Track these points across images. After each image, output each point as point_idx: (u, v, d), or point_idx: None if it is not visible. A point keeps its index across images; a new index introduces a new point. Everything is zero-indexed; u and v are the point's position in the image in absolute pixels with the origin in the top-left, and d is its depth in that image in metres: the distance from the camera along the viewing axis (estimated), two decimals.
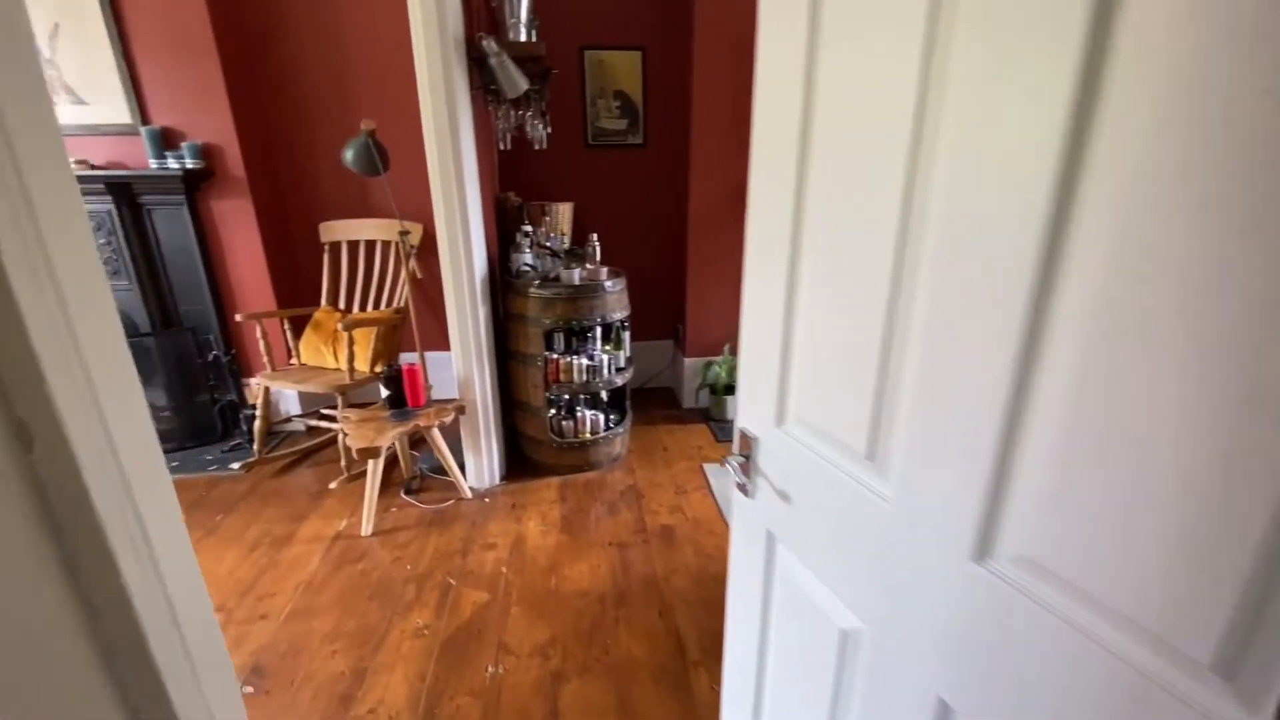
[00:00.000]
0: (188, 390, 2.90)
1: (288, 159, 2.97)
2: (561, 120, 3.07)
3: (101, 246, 2.63)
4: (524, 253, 2.52)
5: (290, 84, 2.88)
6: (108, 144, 2.60)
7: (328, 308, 2.91)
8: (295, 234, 3.07)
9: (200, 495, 2.54)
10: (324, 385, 2.51)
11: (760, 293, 0.89)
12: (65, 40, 2.43)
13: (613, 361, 2.63)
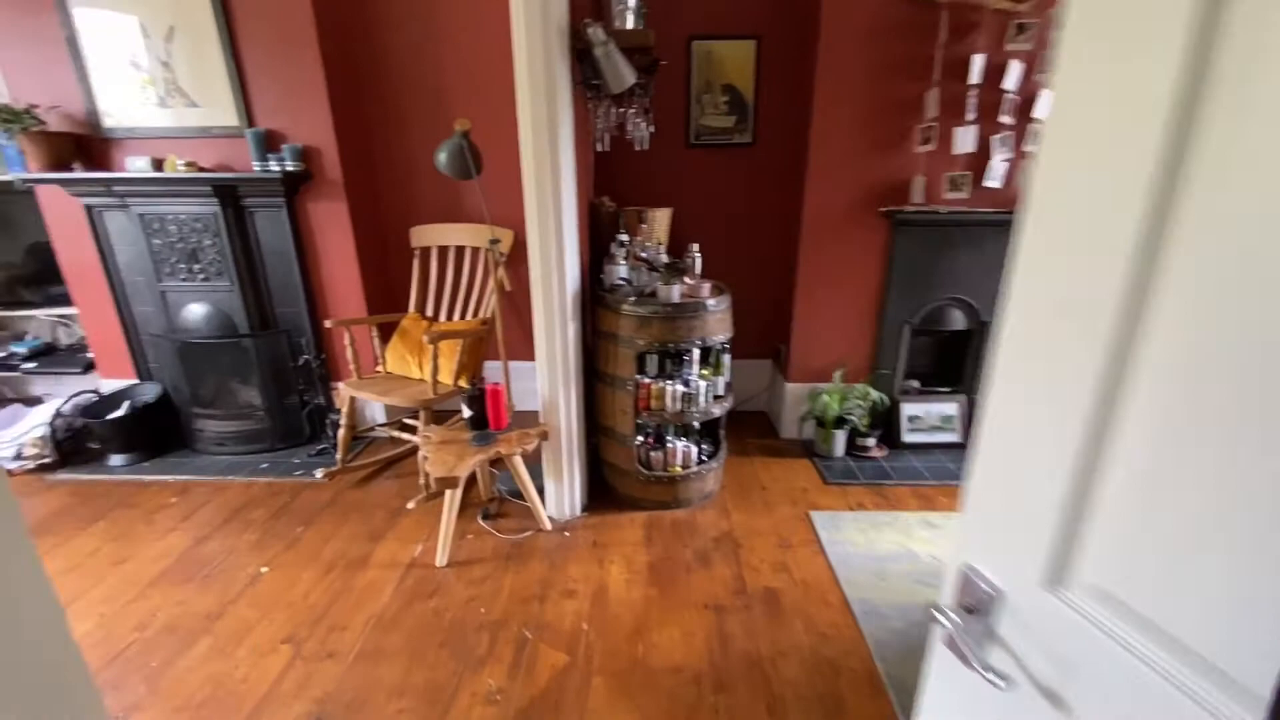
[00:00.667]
0: (280, 392, 2.91)
1: (384, 161, 2.91)
2: (661, 118, 2.80)
3: (207, 248, 2.66)
4: (618, 265, 2.28)
5: (388, 84, 2.80)
6: (216, 146, 2.62)
7: (415, 315, 2.82)
8: (388, 238, 3.01)
9: (285, 503, 2.50)
10: (407, 399, 2.39)
11: (1028, 389, 0.57)
12: (180, 43, 2.46)
13: (710, 389, 2.34)
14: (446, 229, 2.82)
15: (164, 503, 2.52)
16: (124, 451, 2.84)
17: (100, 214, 2.70)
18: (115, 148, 2.64)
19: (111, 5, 2.42)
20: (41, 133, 2.47)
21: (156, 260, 2.70)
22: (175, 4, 2.40)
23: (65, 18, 2.43)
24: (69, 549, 2.21)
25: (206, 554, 2.18)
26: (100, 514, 2.44)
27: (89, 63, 2.50)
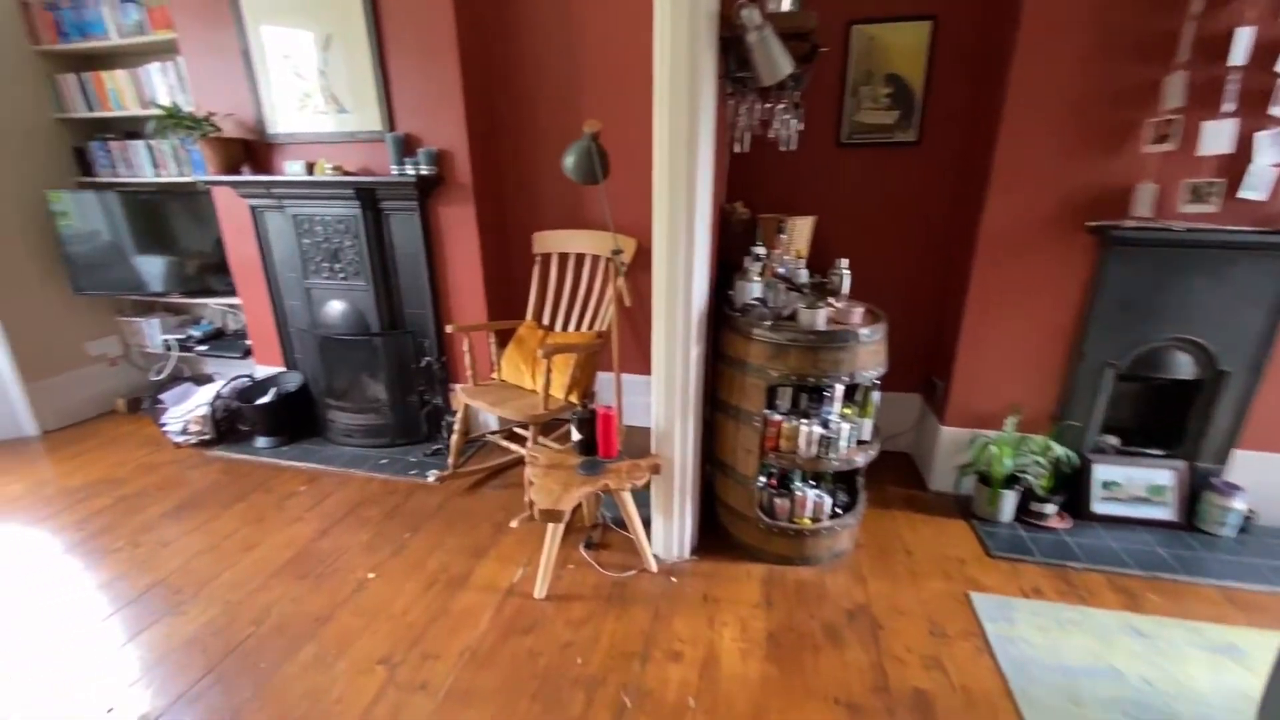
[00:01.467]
0: (403, 390, 2.97)
1: (511, 165, 2.86)
2: (807, 114, 2.47)
3: (347, 248, 2.76)
4: (752, 281, 2.00)
5: (519, 87, 2.74)
6: (360, 150, 2.70)
7: (532, 323, 2.73)
8: (511, 244, 2.97)
9: (397, 504, 2.52)
10: (518, 412, 2.29)
11: None
12: (335, 52, 2.55)
13: (854, 432, 1.98)
14: (569, 235, 2.71)
15: (294, 490, 2.65)
16: (268, 435, 3.05)
17: (262, 214, 2.91)
18: (277, 152, 2.82)
19: (281, 19, 2.56)
20: (218, 138, 2.68)
21: (305, 258, 2.86)
22: (334, 15, 2.49)
23: (241, 32, 2.62)
24: (212, 528, 2.36)
25: (323, 550, 2.22)
26: (242, 495, 2.61)
27: (259, 73, 2.68)
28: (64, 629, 1.85)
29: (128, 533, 2.35)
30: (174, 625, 1.87)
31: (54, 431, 3.27)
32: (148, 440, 3.15)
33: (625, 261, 2.27)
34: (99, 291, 3.27)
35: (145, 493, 2.65)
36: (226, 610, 1.92)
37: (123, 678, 1.67)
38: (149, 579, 2.07)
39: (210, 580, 2.06)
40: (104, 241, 3.17)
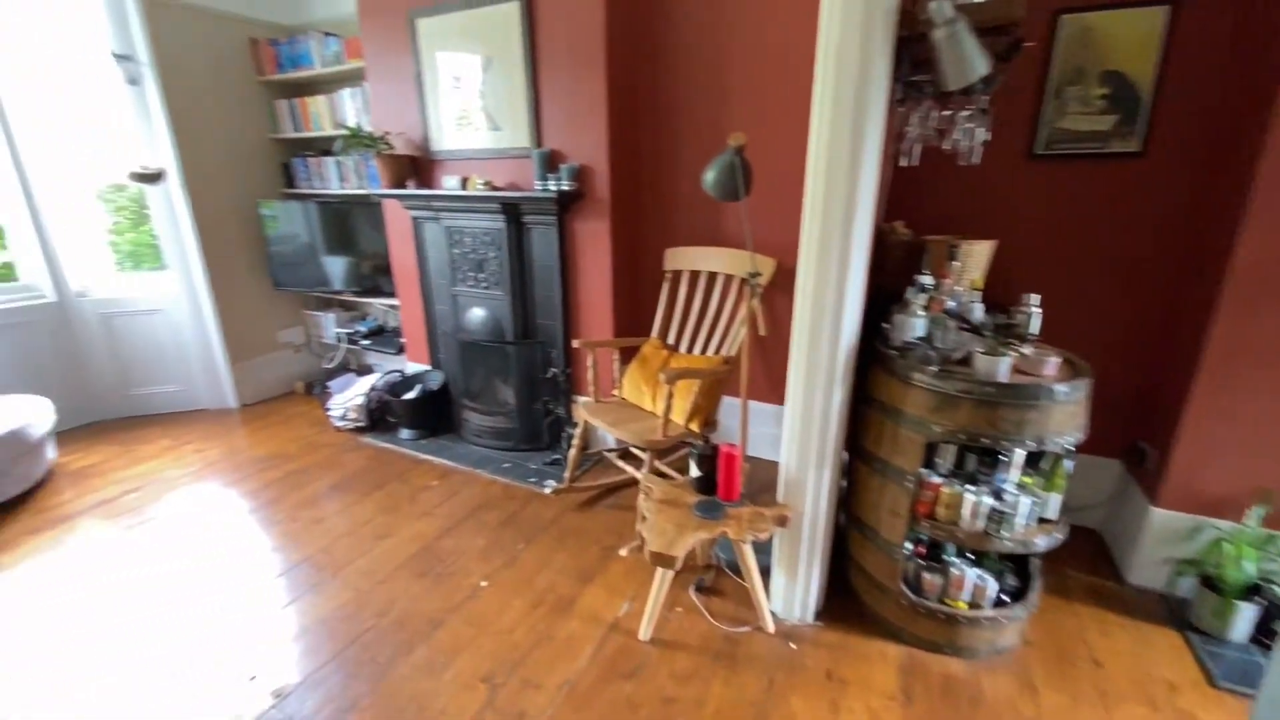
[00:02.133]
0: (529, 397, 3.04)
1: (649, 181, 2.80)
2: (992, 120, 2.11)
3: (491, 259, 2.88)
4: (915, 316, 1.72)
5: (662, 103, 2.67)
6: (509, 166, 2.81)
7: (656, 341, 2.64)
8: (642, 260, 2.91)
9: (515, 511, 2.55)
10: (636, 436, 2.21)
11: None
12: (494, 72, 2.67)
13: (1035, 508, 1.62)
14: (703, 253, 2.58)
15: (426, 484, 2.80)
16: (411, 428, 3.29)
17: (421, 224, 3.15)
18: (438, 168, 3.02)
19: (451, 45, 2.74)
20: (390, 155, 2.94)
21: (454, 266, 3.04)
22: (497, 38, 2.61)
23: (417, 58, 2.84)
24: (354, 513, 2.57)
25: (444, 549, 2.30)
26: (382, 483, 2.82)
27: (428, 95, 2.90)
28: (227, 589, 2.09)
29: (289, 507, 2.62)
30: (313, 603, 2.02)
31: (249, 406, 3.81)
32: (315, 421, 3.55)
33: (762, 285, 2.08)
34: (293, 288, 3.76)
35: (308, 470, 2.96)
36: (356, 597, 2.04)
37: (266, 648, 1.82)
38: (300, 554, 2.28)
39: (346, 564, 2.22)
40: (300, 243, 3.64)
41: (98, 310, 3.42)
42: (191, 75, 3.25)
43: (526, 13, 2.50)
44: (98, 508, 2.63)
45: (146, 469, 2.98)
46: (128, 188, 3.39)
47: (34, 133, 3.10)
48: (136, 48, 3.06)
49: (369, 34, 2.98)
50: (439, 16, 2.72)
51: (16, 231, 3.17)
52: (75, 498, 2.72)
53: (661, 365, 2.50)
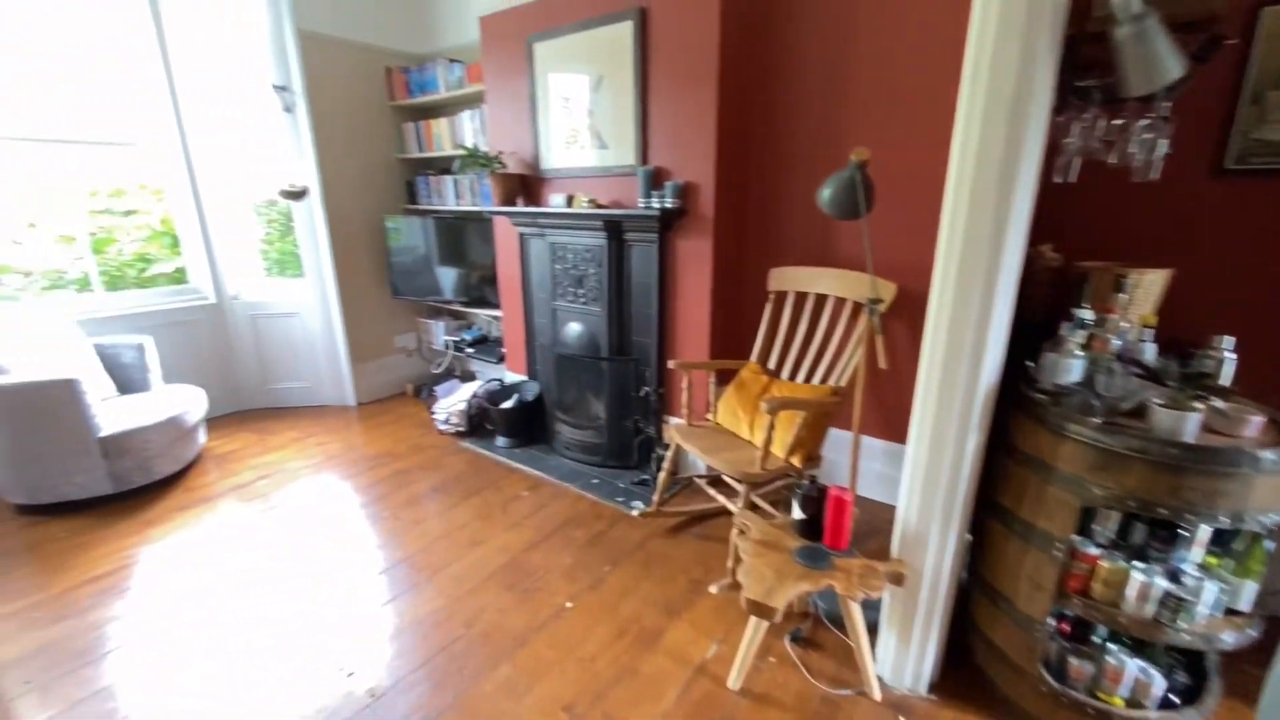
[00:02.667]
0: (620, 414, 3.01)
1: (755, 197, 2.70)
2: None
3: (590, 275, 2.90)
4: (1072, 356, 1.48)
5: (774, 118, 2.57)
6: (614, 184, 2.81)
7: (755, 365, 2.52)
8: (745, 280, 2.81)
9: (601, 530, 2.52)
10: (730, 466, 2.09)
11: None
12: (604, 91, 2.69)
13: (1224, 596, 1.33)
14: (812, 274, 2.43)
15: (518, 494, 2.85)
16: (507, 436, 3.38)
17: (527, 240, 3.24)
18: (545, 186, 3.10)
19: (564, 67, 2.81)
20: (503, 174, 3.05)
21: (555, 281, 3.09)
22: (608, 57, 2.63)
23: (532, 80, 2.94)
24: (450, 516, 2.65)
25: (532, 564, 2.30)
26: (477, 489, 2.90)
27: (540, 116, 2.98)
28: (334, 579, 2.21)
29: (393, 505, 2.76)
30: (409, 603, 2.09)
31: (365, 404, 4.10)
32: (421, 423, 3.74)
33: (882, 311, 1.91)
34: (409, 297, 4.02)
35: (412, 471, 3.11)
36: (448, 604, 2.08)
37: (363, 644, 1.90)
38: (400, 553, 2.38)
39: (442, 569, 2.28)
40: (418, 255, 3.89)
41: (248, 311, 3.83)
42: (335, 102, 3.58)
43: (639, 31, 2.50)
44: (234, 491, 2.91)
45: (276, 458, 3.27)
46: (278, 203, 3.79)
47: (206, 156, 3.55)
48: (292, 79, 3.42)
49: (489, 59, 3.13)
50: (554, 40, 2.80)
51: (189, 241, 3.64)
52: (217, 480, 3.03)
53: (761, 392, 2.37)
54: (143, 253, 3.95)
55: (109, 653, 1.86)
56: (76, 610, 2.05)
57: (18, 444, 2.54)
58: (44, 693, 1.71)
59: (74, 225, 3.40)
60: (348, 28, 3.56)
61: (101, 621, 2.00)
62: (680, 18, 2.39)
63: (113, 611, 2.05)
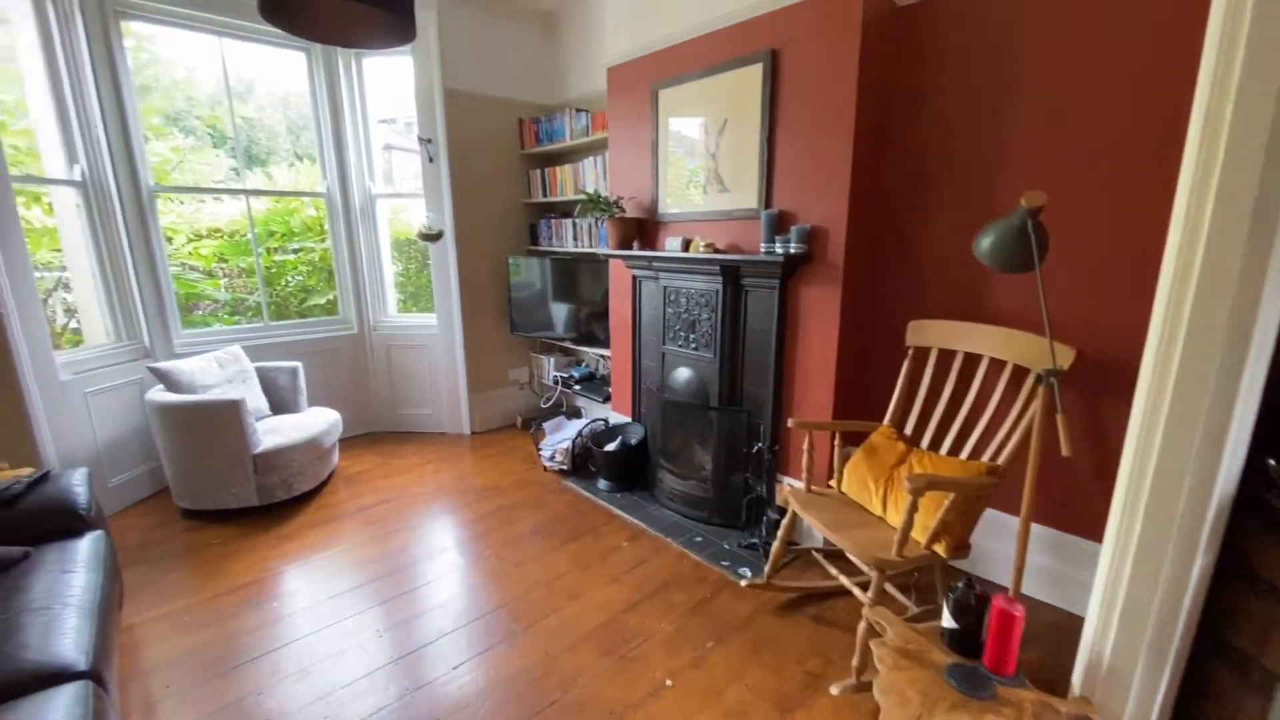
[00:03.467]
0: (729, 467, 2.83)
1: (893, 243, 2.46)
2: None
3: (703, 320, 2.79)
4: None
5: (918, 157, 2.34)
6: (733, 228, 2.71)
7: (889, 429, 2.24)
8: (877, 331, 2.55)
9: (705, 598, 2.33)
10: (860, 549, 1.83)
11: None
12: (728, 134, 2.62)
13: None
14: (961, 329, 2.14)
15: (618, 544, 2.74)
16: (609, 479, 3.31)
17: (640, 282, 3.21)
18: (661, 229, 3.07)
19: (689, 111, 2.78)
20: (620, 219, 3.07)
21: (666, 325, 3.02)
22: (733, 100, 2.57)
23: (655, 125, 2.95)
24: (550, 562, 2.60)
25: (630, 627, 2.17)
26: (577, 535, 2.83)
27: (660, 160, 2.97)
28: (435, 621, 2.21)
29: (496, 543, 2.77)
30: (504, 655, 2.03)
31: (478, 434, 4.26)
32: (527, 458, 3.80)
33: (1059, 382, 1.59)
34: (525, 332, 4.16)
35: (516, 508, 3.13)
36: (544, 661, 2.00)
37: (456, 697, 1.85)
38: (499, 598, 2.35)
39: (539, 620, 2.21)
40: (535, 291, 4.02)
41: (384, 341, 4.16)
42: (471, 152, 3.85)
43: (769, 72, 2.40)
44: (358, 513, 3.08)
45: (397, 483, 3.45)
46: (416, 243, 4.11)
47: (361, 201, 3.94)
48: (436, 131, 3.72)
49: (614, 107, 3.20)
50: (679, 86, 2.79)
51: (341, 275, 4.04)
52: (346, 499, 3.24)
53: (897, 462, 2.09)
54: (305, 284, 4.45)
55: (237, 666, 1.97)
56: (219, 618, 2.22)
57: (191, 455, 2.87)
58: (180, 700, 1.83)
59: (255, 261, 3.90)
60: (488, 84, 3.83)
61: (238, 632, 2.14)
62: (815, 58, 2.27)
63: (248, 623, 2.19)
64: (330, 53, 3.67)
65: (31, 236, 3.03)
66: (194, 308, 4.15)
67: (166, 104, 3.69)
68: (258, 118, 4.35)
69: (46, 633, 1.43)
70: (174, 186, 3.67)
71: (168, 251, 3.36)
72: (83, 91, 2.87)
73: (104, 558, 1.87)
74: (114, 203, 3.05)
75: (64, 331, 3.37)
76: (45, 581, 1.62)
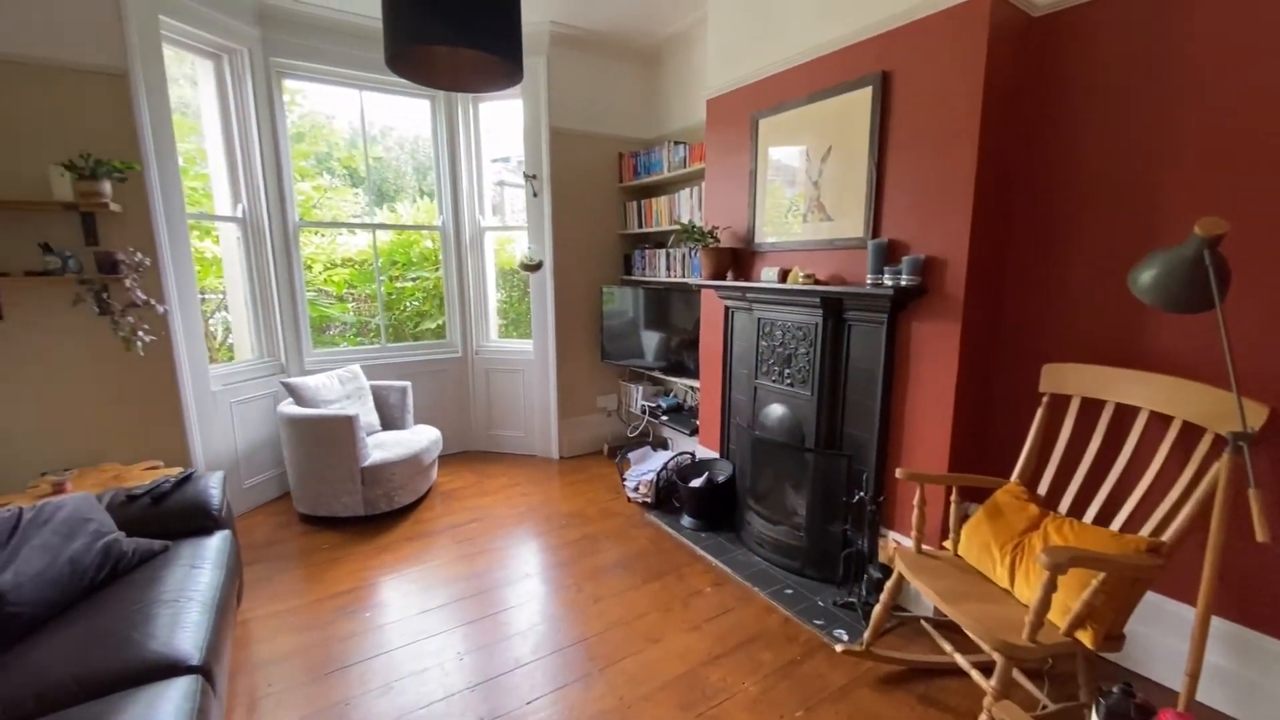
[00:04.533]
0: (825, 516, 2.61)
1: (1020, 275, 2.19)
2: None
3: (800, 355, 2.63)
4: None
5: (1058, 179, 2.07)
6: (836, 258, 2.55)
7: (1018, 488, 1.96)
8: (1002, 374, 2.27)
9: (795, 659, 2.13)
10: (981, 628, 1.58)
11: None
12: (832, 161, 2.49)
13: None
14: (1112, 376, 1.84)
15: (701, 588, 2.61)
16: (693, 516, 3.19)
17: (733, 313, 3.12)
18: (757, 260, 2.97)
19: (790, 140, 2.69)
20: (714, 248, 3.01)
21: (759, 358, 2.89)
22: (838, 126, 2.45)
23: (754, 155, 2.88)
24: (630, 600, 2.51)
25: (711, 683, 2.02)
26: (659, 573, 2.73)
27: (759, 189, 2.89)
28: (512, 649, 2.19)
29: (578, 575, 2.73)
30: (579, 696, 1.96)
31: (565, 459, 4.31)
32: (611, 487, 3.77)
33: (1249, 440, 1.29)
34: (615, 360, 4.19)
35: (599, 538, 3.09)
36: (619, 708, 1.90)
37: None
38: (577, 633, 2.29)
39: (616, 661, 2.12)
40: (626, 319, 4.05)
41: (484, 365, 4.35)
42: (572, 186, 3.99)
43: (880, 95, 2.27)
44: (451, 530, 3.19)
45: (487, 503, 3.54)
46: (518, 272, 4.30)
47: (470, 233, 4.20)
48: (541, 168, 3.90)
49: (713, 138, 3.18)
50: (780, 114, 2.71)
51: (450, 302, 4.30)
52: (440, 515, 3.37)
53: (1029, 527, 1.81)
54: (420, 310, 4.80)
55: (330, 673, 2.06)
56: (319, 623, 2.35)
57: (309, 463, 3.12)
58: (278, 700, 1.93)
59: (377, 288, 4.27)
60: (591, 122, 3.98)
61: (334, 638, 2.25)
62: (933, 77, 2.11)
63: (344, 630, 2.30)
64: (451, 98, 3.98)
65: (203, 265, 3.51)
66: (326, 328, 4.61)
67: (313, 149, 4.18)
68: (388, 159, 4.82)
69: (171, 625, 1.56)
70: (315, 221, 4.12)
71: (306, 279, 3.75)
72: (248, 140, 3.31)
73: (228, 557, 2.04)
74: (266, 236, 3.45)
75: (221, 347, 3.85)
76: (177, 576, 1.79)
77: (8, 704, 1.28)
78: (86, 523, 1.80)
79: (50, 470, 2.50)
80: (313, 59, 3.48)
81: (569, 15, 3.58)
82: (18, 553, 1.60)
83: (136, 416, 2.81)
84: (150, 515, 2.06)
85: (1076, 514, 1.83)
